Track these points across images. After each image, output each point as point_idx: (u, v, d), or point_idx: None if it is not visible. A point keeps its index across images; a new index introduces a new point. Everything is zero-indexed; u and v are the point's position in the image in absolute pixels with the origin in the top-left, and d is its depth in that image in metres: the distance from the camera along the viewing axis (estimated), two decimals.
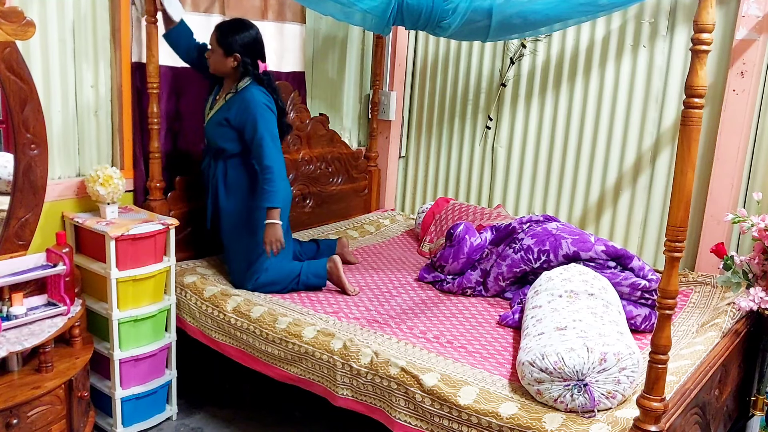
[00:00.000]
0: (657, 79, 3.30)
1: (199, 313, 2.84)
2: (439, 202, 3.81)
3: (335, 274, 2.94)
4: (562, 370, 1.98)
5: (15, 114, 2.34)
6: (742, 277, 2.53)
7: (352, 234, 3.79)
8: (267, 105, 2.82)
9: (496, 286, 2.97)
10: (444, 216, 3.73)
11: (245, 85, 2.85)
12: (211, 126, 2.91)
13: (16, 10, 2.27)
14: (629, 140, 3.42)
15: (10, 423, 2.11)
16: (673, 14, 3.23)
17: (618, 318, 2.33)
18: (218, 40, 2.81)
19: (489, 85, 3.87)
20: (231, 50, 2.80)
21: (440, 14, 2.81)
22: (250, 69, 2.83)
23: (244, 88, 2.84)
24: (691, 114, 1.67)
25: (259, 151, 2.78)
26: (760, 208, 2.92)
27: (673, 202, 1.72)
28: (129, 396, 2.73)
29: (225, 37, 2.80)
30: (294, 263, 3.00)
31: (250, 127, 2.79)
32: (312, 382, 2.51)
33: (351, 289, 2.93)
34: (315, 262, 3.01)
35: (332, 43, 3.92)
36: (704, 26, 1.62)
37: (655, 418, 1.81)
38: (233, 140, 2.86)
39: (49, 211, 2.65)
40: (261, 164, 2.79)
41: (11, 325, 2.31)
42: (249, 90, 2.83)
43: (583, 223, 3.62)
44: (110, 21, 2.83)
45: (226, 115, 2.84)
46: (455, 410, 2.10)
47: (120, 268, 2.60)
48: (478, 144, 3.96)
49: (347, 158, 3.94)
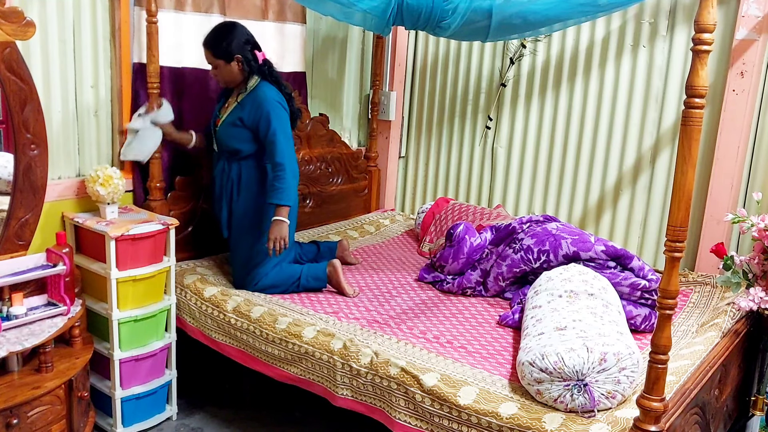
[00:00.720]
0: (657, 79, 3.30)
1: (199, 313, 2.84)
2: (439, 202, 3.81)
3: (335, 278, 2.94)
4: (562, 370, 1.98)
5: (15, 114, 2.34)
6: (742, 277, 2.53)
7: (352, 234, 3.79)
8: (279, 103, 2.84)
9: (496, 286, 2.97)
10: (444, 216, 3.73)
11: (255, 83, 2.87)
12: (224, 128, 2.91)
13: (16, 10, 2.27)
14: (629, 140, 3.42)
15: (10, 423, 2.11)
16: (673, 14, 3.23)
17: (618, 318, 2.33)
18: (214, 54, 2.83)
19: (489, 85, 3.88)
20: (230, 56, 2.81)
21: (440, 14, 2.81)
22: (254, 64, 2.84)
23: (255, 87, 2.86)
24: (691, 114, 1.67)
25: (271, 147, 2.79)
26: (760, 208, 2.92)
27: (673, 202, 1.72)
28: (129, 396, 2.73)
29: (218, 48, 2.81)
30: (294, 266, 2.99)
31: (264, 123, 2.80)
32: (312, 382, 2.51)
33: (351, 292, 2.93)
34: (315, 265, 3.01)
35: (332, 43, 3.92)
36: (705, 26, 1.62)
37: (655, 418, 1.81)
38: (248, 141, 2.86)
39: (49, 211, 2.65)
40: (273, 161, 2.79)
41: (11, 325, 2.31)
42: (260, 88, 2.84)
43: (583, 223, 3.62)
44: (110, 21, 2.83)
45: (240, 114, 2.85)
46: (455, 410, 2.10)
47: (120, 268, 2.60)
48: (478, 144, 3.96)
49: (347, 158, 3.94)
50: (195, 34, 3.05)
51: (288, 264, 2.99)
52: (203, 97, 3.16)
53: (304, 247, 3.31)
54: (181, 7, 3.00)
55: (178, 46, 3.02)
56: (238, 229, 2.95)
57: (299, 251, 3.24)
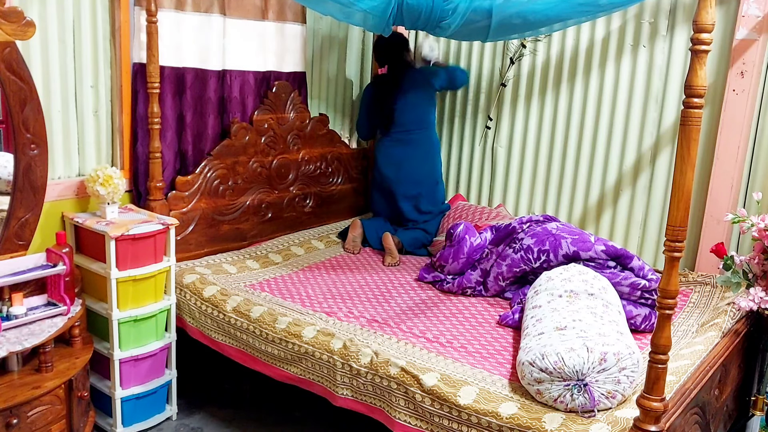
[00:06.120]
0: (657, 79, 3.30)
1: (199, 313, 2.84)
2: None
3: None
4: (562, 370, 1.98)
5: (15, 114, 2.34)
6: (742, 277, 2.53)
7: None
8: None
9: (496, 286, 2.97)
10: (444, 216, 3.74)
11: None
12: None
13: (16, 10, 2.27)
14: (629, 140, 3.42)
15: (10, 423, 2.11)
16: (673, 14, 3.23)
17: (618, 318, 2.33)
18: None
19: (489, 85, 3.88)
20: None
21: (440, 14, 2.81)
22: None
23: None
24: (690, 114, 1.67)
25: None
26: (760, 208, 2.92)
27: (673, 202, 1.72)
28: (129, 396, 2.73)
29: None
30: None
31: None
32: (312, 382, 2.51)
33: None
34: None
35: (332, 43, 3.92)
36: (704, 26, 1.62)
37: (655, 418, 1.81)
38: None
39: (49, 211, 2.65)
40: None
41: (11, 325, 2.31)
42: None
43: (583, 223, 3.62)
44: (110, 21, 2.83)
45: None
46: (455, 410, 2.10)
47: (120, 268, 2.60)
48: (478, 144, 3.96)
49: (347, 158, 3.94)
50: (195, 34, 3.05)
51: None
52: (203, 97, 3.16)
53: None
54: (181, 7, 3.00)
55: (178, 46, 3.02)
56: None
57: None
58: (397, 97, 3.66)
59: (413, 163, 3.69)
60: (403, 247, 3.55)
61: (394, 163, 3.70)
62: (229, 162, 3.26)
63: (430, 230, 3.67)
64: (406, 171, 3.68)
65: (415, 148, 3.70)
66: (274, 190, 3.51)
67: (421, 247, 3.61)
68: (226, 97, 3.26)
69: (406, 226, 3.69)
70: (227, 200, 3.28)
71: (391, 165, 3.70)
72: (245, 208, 3.37)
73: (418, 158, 3.71)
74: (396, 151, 3.70)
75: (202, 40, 3.09)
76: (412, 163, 3.69)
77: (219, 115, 3.25)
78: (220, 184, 3.23)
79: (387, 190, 3.72)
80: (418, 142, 3.71)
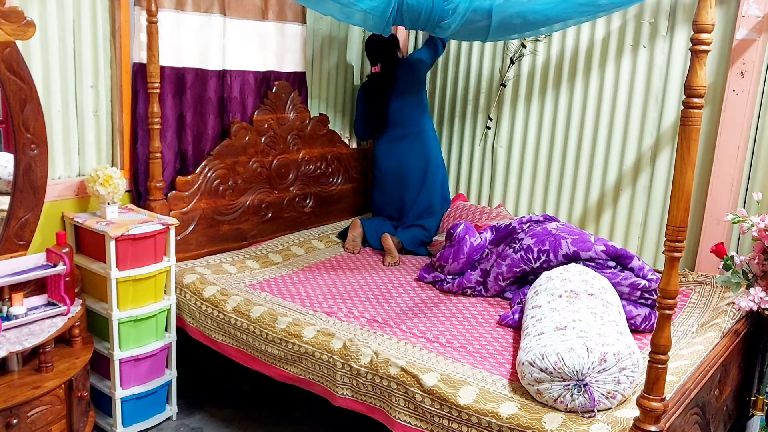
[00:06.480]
0: (657, 79, 3.30)
1: (199, 313, 2.84)
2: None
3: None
4: (562, 370, 1.98)
5: (15, 114, 2.34)
6: (742, 277, 2.53)
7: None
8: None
9: (496, 286, 2.97)
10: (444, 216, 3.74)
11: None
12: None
13: (16, 10, 2.27)
14: (629, 140, 3.42)
15: (10, 423, 2.11)
16: (673, 14, 3.23)
17: (618, 318, 2.33)
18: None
19: (489, 85, 3.88)
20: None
21: (440, 14, 2.81)
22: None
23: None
24: (690, 114, 1.67)
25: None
26: (760, 208, 2.92)
27: (673, 202, 1.72)
28: (129, 396, 2.73)
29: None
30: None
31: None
32: (312, 382, 2.51)
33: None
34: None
35: (332, 43, 3.92)
36: (704, 26, 1.62)
37: (654, 418, 1.81)
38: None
39: (49, 211, 2.65)
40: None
41: (11, 325, 2.31)
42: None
43: (583, 223, 3.62)
44: (110, 21, 2.83)
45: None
46: (455, 410, 2.10)
47: (120, 268, 2.60)
48: (478, 144, 3.96)
49: (347, 158, 3.94)
50: (195, 34, 3.05)
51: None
52: (203, 97, 3.16)
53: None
54: (181, 7, 3.00)
55: (179, 46, 3.02)
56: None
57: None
58: (392, 95, 3.69)
59: (413, 155, 3.72)
60: (403, 247, 3.55)
61: (394, 158, 3.72)
62: (229, 162, 3.26)
63: (429, 227, 3.67)
64: (407, 163, 3.71)
65: (414, 140, 3.72)
66: (274, 190, 3.51)
67: (420, 245, 3.61)
68: (226, 97, 3.26)
69: (407, 222, 3.70)
70: (227, 200, 3.28)
71: (392, 160, 3.72)
72: (245, 208, 3.37)
73: (417, 149, 3.73)
74: (395, 147, 3.72)
75: (202, 40, 3.09)
76: (412, 154, 3.71)
77: (219, 115, 3.25)
78: (220, 184, 3.23)
79: (389, 185, 3.75)
80: (416, 135, 3.73)
